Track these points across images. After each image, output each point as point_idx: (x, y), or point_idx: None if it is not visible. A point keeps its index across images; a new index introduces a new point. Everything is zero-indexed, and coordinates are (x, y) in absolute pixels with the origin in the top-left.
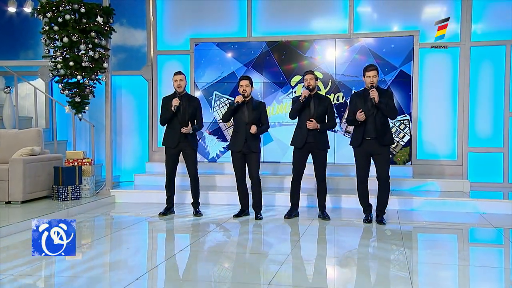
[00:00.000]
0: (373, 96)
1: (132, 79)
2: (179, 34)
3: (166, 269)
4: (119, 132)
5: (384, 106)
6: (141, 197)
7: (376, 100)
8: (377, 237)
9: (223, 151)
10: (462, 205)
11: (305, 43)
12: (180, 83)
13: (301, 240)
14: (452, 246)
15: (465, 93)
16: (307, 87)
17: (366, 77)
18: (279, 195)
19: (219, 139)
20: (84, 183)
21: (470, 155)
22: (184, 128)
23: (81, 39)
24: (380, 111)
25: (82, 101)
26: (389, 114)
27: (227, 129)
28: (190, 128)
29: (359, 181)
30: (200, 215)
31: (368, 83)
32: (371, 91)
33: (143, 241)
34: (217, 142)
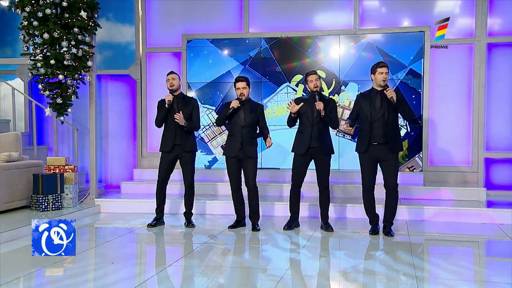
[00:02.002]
0: (391, 95)
1: (119, 78)
2: (170, 29)
3: (155, 285)
4: (105, 136)
5: (404, 104)
6: (128, 207)
7: (394, 99)
8: (385, 250)
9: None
10: (478, 216)
11: (307, 39)
12: (172, 82)
13: (301, 253)
14: (466, 261)
15: (481, 93)
16: (312, 91)
17: (378, 73)
18: (278, 204)
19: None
20: (66, 191)
21: (486, 161)
22: (177, 114)
23: (63, 35)
24: (391, 114)
25: (64, 102)
26: (408, 114)
27: (210, 141)
28: (183, 119)
29: (365, 190)
30: (192, 226)
31: (381, 80)
32: (387, 90)
33: (130, 255)
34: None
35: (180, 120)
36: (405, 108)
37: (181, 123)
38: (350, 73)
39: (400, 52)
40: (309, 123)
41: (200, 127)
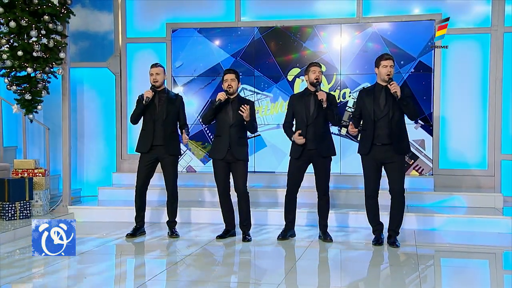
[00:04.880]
0: (395, 90)
1: (96, 72)
2: (153, 18)
3: None
4: (80, 136)
5: (408, 100)
6: (106, 215)
7: (398, 94)
8: (390, 263)
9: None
10: (494, 224)
11: (305, 29)
12: (156, 77)
13: (297, 265)
14: (482, 275)
15: (498, 88)
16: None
17: (381, 67)
18: (272, 211)
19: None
20: (35, 198)
21: (503, 164)
22: (185, 138)
23: (32, 24)
24: (397, 112)
25: (34, 98)
26: (413, 112)
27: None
28: (186, 137)
29: (368, 196)
30: (176, 237)
31: (385, 74)
32: (391, 84)
33: (107, 268)
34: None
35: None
36: (409, 105)
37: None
38: (352, 67)
39: (408, 43)
40: (303, 124)
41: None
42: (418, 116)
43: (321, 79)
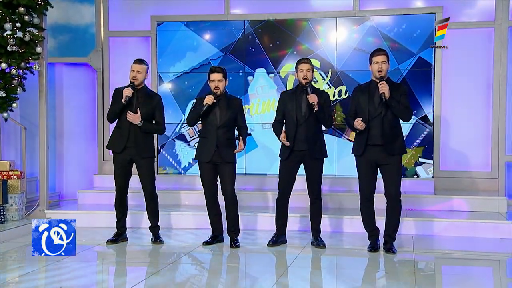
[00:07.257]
0: (383, 91)
1: (76, 67)
2: (137, 10)
3: None
4: (59, 136)
5: (396, 103)
6: (86, 220)
7: (386, 95)
8: (386, 270)
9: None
10: (497, 229)
11: (298, 22)
12: (136, 75)
13: (288, 273)
14: (484, 283)
15: (502, 86)
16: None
17: (373, 63)
18: (262, 216)
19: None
20: (10, 202)
21: (508, 166)
22: (130, 114)
23: (6, 16)
24: (390, 111)
25: (8, 96)
26: (401, 114)
27: None
28: (138, 117)
29: (362, 199)
30: (160, 243)
31: (376, 71)
32: (380, 84)
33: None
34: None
35: (134, 119)
36: (397, 108)
37: (135, 121)
38: (348, 63)
39: (408, 38)
40: (294, 124)
41: (165, 129)
42: (410, 117)
43: (311, 77)
